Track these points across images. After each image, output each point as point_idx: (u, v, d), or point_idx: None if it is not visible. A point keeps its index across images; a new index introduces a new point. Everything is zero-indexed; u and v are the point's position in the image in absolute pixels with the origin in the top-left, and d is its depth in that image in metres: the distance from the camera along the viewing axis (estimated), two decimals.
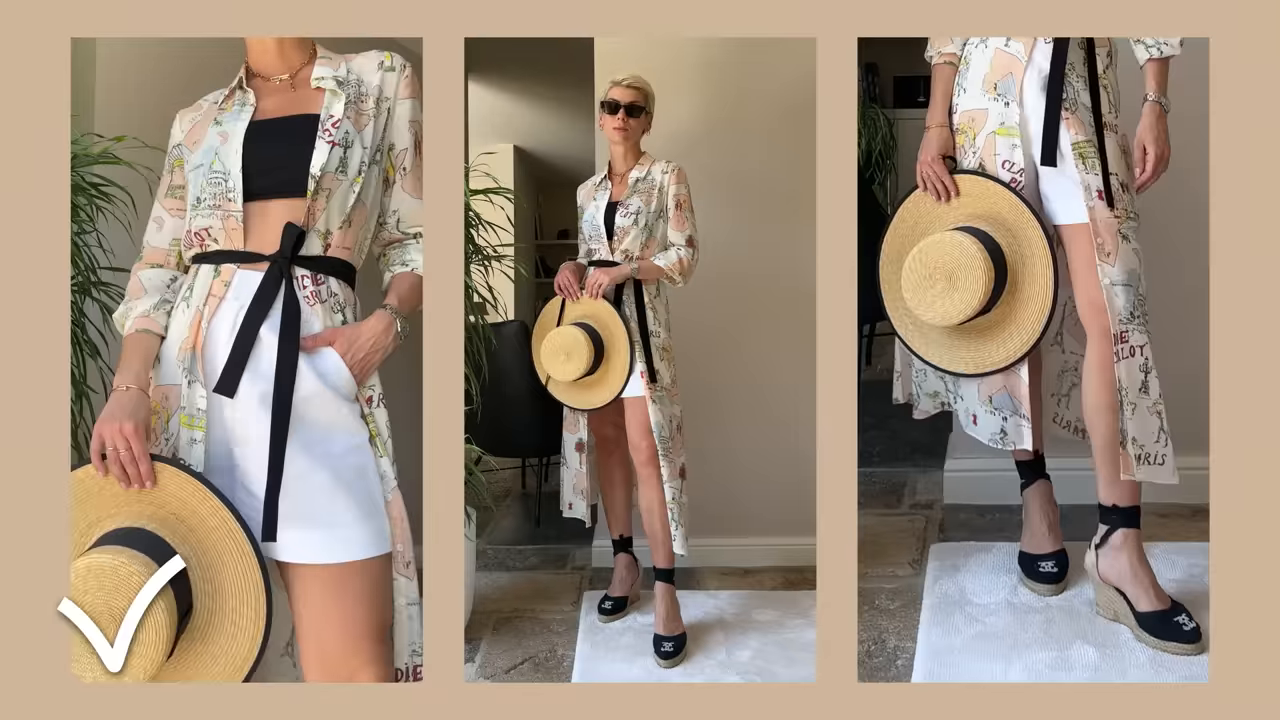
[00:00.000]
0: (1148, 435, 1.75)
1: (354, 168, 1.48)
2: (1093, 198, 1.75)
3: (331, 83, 1.50)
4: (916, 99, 4.90)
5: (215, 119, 1.51)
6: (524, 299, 6.85)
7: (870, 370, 2.87)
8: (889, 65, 5.11)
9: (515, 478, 4.84)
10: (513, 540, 3.71)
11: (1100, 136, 1.78)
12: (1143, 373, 1.75)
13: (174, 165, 1.56)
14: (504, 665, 2.47)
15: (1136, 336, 1.75)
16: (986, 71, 1.85)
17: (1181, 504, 2.12)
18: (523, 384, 3.86)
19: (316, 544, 1.41)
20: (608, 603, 2.75)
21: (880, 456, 2.50)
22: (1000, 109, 1.83)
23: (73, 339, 1.88)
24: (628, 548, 2.82)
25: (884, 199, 4.62)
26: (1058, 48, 1.78)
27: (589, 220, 2.62)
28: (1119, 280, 1.75)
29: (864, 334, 2.83)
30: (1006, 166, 1.82)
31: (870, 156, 4.57)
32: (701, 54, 3.16)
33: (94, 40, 2.28)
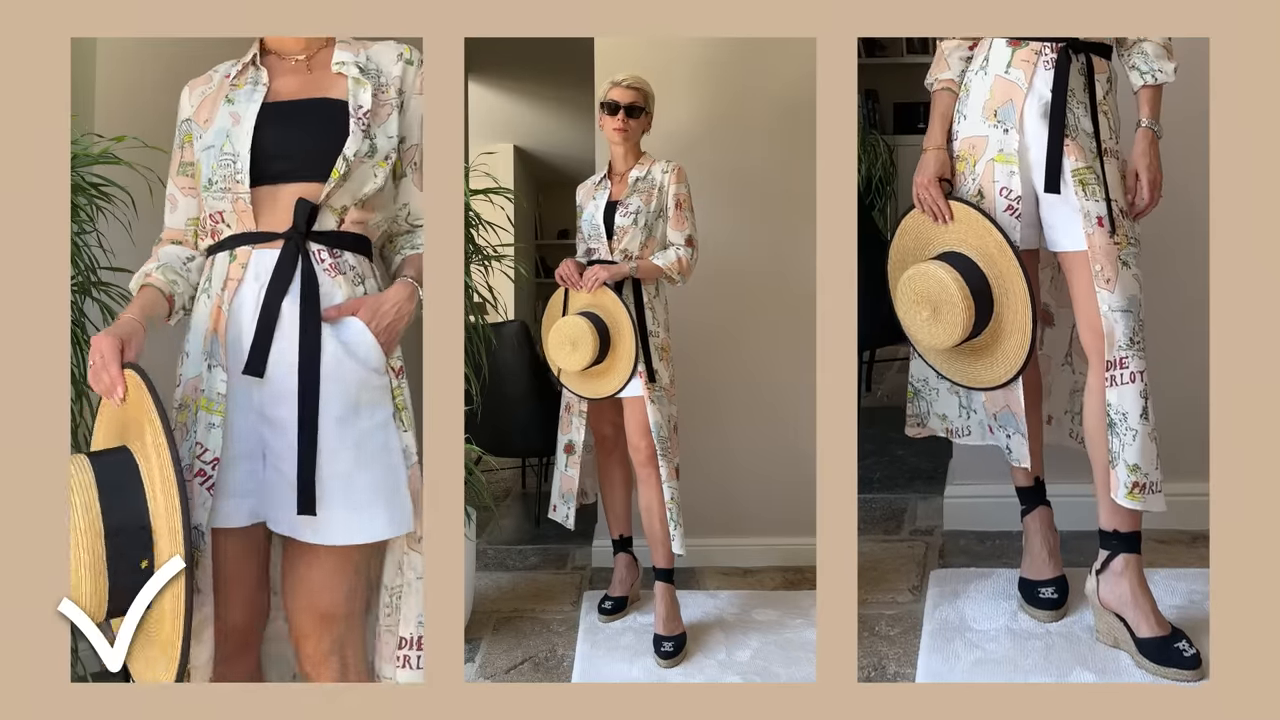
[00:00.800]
0: (1149, 462, 1.74)
1: (380, 155, 1.49)
2: (1092, 224, 1.75)
3: (354, 69, 1.50)
4: (916, 125, 4.90)
5: (227, 96, 1.48)
6: (524, 299, 6.85)
7: (870, 397, 2.87)
8: (888, 92, 5.12)
9: (515, 478, 4.84)
10: (513, 540, 3.71)
11: (1101, 163, 1.78)
12: (1142, 399, 1.74)
13: (184, 141, 1.54)
14: (504, 665, 2.47)
15: (1135, 363, 1.74)
16: (986, 98, 1.85)
17: (1181, 530, 2.12)
18: (523, 384, 3.86)
19: (334, 525, 1.41)
20: (608, 603, 2.75)
21: (880, 482, 2.51)
22: (1000, 136, 1.82)
23: (73, 339, 1.88)
24: (628, 547, 2.82)
25: (883, 225, 4.60)
26: (1059, 74, 1.77)
27: (588, 219, 2.62)
28: (1118, 307, 1.74)
29: (864, 360, 2.83)
30: (1005, 194, 1.81)
31: (870, 183, 4.57)
32: (701, 53, 3.15)
33: (94, 40, 2.28)
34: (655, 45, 3.11)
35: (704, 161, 3.00)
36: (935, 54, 1.96)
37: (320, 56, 1.53)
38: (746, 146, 3.19)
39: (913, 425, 2.08)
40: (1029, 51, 1.80)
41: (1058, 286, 2.07)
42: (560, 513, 2.74)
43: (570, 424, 2.69)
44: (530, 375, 3.88)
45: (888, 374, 3.06)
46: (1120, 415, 1.74)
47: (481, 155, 3.21)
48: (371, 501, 1.42)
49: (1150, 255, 1.85)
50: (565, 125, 6.31)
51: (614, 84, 2.57)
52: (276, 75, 1.50)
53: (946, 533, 2.39)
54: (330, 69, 1.51)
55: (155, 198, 1.98)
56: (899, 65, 5.10)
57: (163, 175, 1.64)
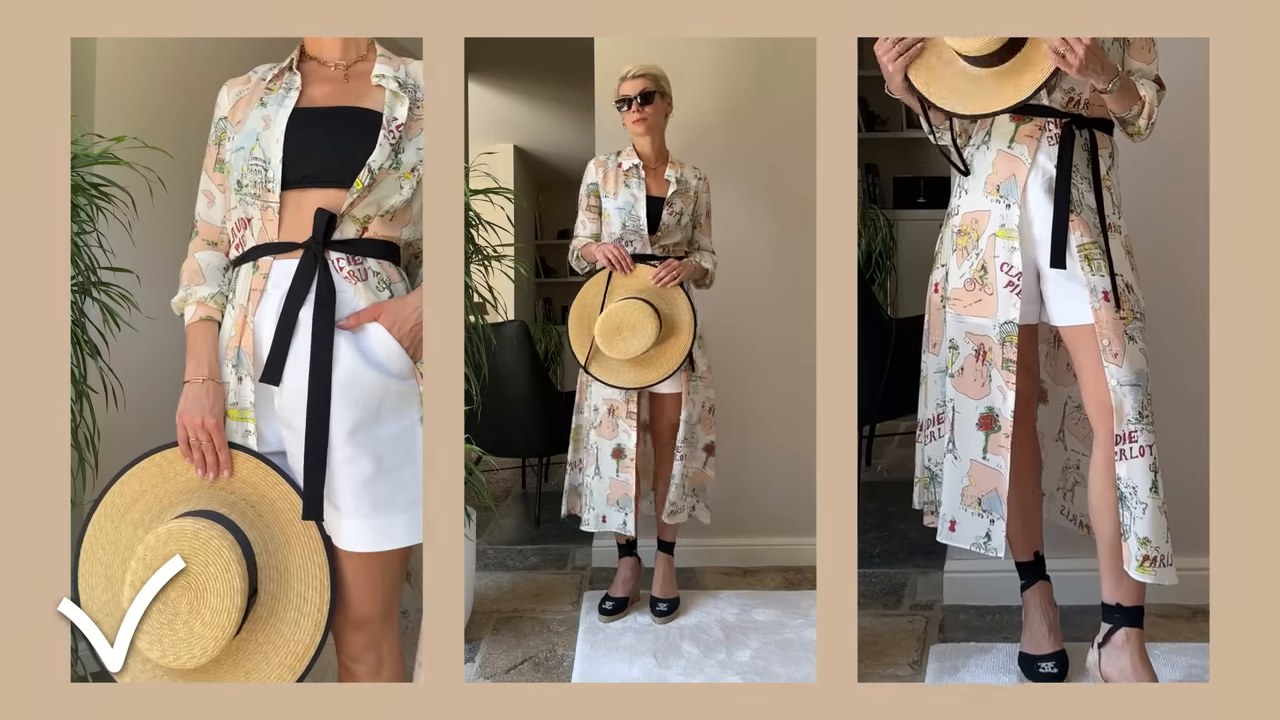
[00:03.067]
0: (1160, 536, 1.73)
1: (405, 167, 1.49)
2: (1099, 299, 1.74)
3: (393, 83, 1.51)
4: (916, 200, 4.93)
5: (261, 99, 1.49)
6: (524, 299, 6.85)
7: (870, 471, 2.87)
8: (888, 166, 5.13)
9: (515, 478, 4.84)
10: (513, 540, 3.71)
11: (1105, 238, 1.77)
12: (1152, 472, 1.73)
13: (220, 138, 1.54)
14: (504, 665, 2.47)
15: (1144, 436, 1.73)
16: (989, 173, 1.83)
17: (1182, 604, 2.11)
18: (523, 384, 3.86)
19: (356, 532, 1.43)
20: (609, 603, 2.76)
21: (880, 557, 2.51)
22: (1002, 211, 1.80)
23: (73, 339, 1.88)
24: (633, 550, 2.83)
25: (884, 300, 4.62)
26: (1063, 149, 1.76)
27: (625, 209, 2.61)
28: (1127, 381, 1.73)
29: (864, 434, 2.84)
30: (1005, 269, 1.79)
31: (870, 257, 4.57)
32: (702, 52, 3.15)
33: (94, 40, 2.28)
34: (655, 45, 3.11)
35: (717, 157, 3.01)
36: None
37: (359, 67, 1.54)
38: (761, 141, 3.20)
39: (928, 513, 2.00)
40: (1032, 127, 1.78)
41: (1053, 362, 2.06)
42: (615, 520, 2.67)
43: (617, 427, 2.65)
44: (530, 375, 3.88)
45: (888, 448, 3.08)
46: (1130, 489, 1.73)
47: (481, 155, 3.21)
48: (391, 509, 1.43)
49: (1152, 331, 1.85)
50: (565, 125, 6.31)
51: (622, 79, 2.62)
52: (312, 81, 1.51)
53: (946, 607, 2.39)
54: (369, 80, 1.52)
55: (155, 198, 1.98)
56: (899, 140, 5.12)
57: (163, 175, 1.64)
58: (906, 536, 2.60)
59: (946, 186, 2.00)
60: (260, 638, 1.40)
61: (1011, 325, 1.78)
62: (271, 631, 1.40)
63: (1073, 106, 1.78)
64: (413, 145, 1.50)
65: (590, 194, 2.68)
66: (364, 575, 1.46)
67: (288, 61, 1.52)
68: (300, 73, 1.51)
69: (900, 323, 2.55)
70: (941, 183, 1.98)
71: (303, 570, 1.41)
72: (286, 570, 1.40)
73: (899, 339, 2.48)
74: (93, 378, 1.97)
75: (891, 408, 2.70)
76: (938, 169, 5.07)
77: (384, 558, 1.46)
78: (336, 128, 1.47)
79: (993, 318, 1.80)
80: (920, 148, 5.12)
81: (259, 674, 1.39)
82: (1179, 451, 1.99)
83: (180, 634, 1.31)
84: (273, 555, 1.40)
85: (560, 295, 7.83)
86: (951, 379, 1.86)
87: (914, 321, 1.96)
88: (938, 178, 4.96)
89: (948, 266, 1.89)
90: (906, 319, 2.30)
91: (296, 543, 1.41)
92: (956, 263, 1.86)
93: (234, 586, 1.32)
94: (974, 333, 1.83)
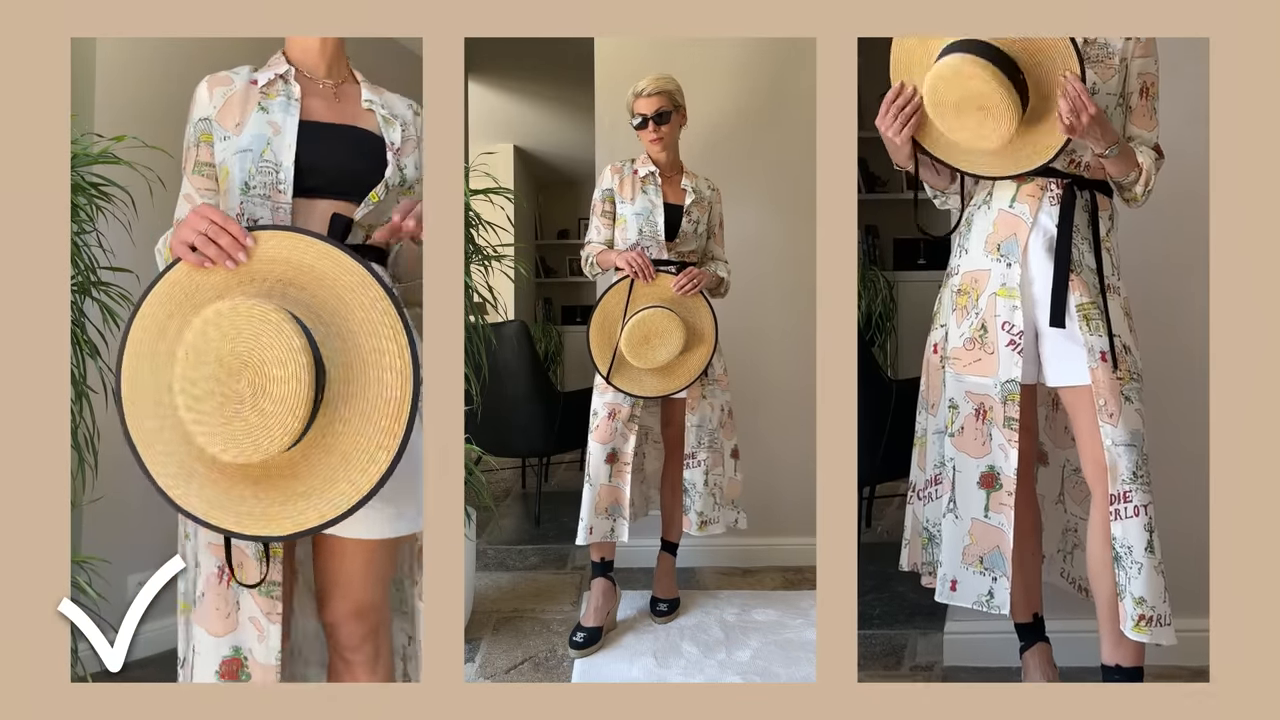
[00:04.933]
0: (1156, 595, 1.73)
1: (407, 185, 1.56)
2: (1096, 359, 1.74)
3: (384, 110, 1.57)
4: (916, 261, 4.93)
5: (260, 104, 1.48)
6: (524, 299, 6.86)
7: (870, 532, 2.87)
8: (888, 228, 5.13)
9: (515, 478, 4.84)
10: (513, 540, 3.71)
11: (1104, 298, 1.77)
12: (1147, 532, 1.72)
13: (201, 139, 1.50)
14: (504, 665, 2.47)
15: (1140, 496, 1.73)
16: (989, 232, 1.83)
17: (1182, 666, 2.10)
18: (523, 384, 3.86)
19: (369, 520, 1.43)
20: (579, 634, 2.57)
21: (881, 618, 2.51)
22: (1002, 270, 1.80)
23: (73, 339, 1.88)
24: (607, 572, 2.69)
25: (884, 361, 4.61)
26: (1064, 209, 1.76)
27: (643, 215, 2.60)
28: (1122, 441, 1.73)
29: (864, 496, 2.84)
30: (1007, 328, 1.78)
31: (870, 318, 4.56)
32: (709, 55, 3.16)
33: (94, 40, 2.28)
34: (665, 44, 3.12)
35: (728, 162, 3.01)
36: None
37: (346, 88, 1.57)
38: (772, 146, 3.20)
39: (926, 573, 1.98)
40: (1034, 187, 1.78)
41: (1052, 424, 2.05)
42: (602, 529, 2.58)
43: (615, 432, 2.61)
44: (530, 375, 3.88)
45: (888, 510, 3.08)
46: (1125, 549, 1.73)
47: (481, 155, 3.21)
48: (400, 495, 1.44)
49: (1150, 392, 1.85)
50: (565, 125, 6.32)
51: (637, 95, 2.58)
52: (307, 94, 1.53)
53: (946, 668, 2.36)
54: (358, 102, 1.56)
55: (155, 198, 1.98)
56: (898, 201, 5.11)
57: (163, 175, 1.64)
58: (906, 598, 2.61)
59: (947, 248, 1.98)
60: (345, 413, 1.23)
61: (1014, 384, 1.77)
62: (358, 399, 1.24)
63: (1074, 168, 1.78)
64: (411, 163, 1.56)
65: (605, 199, 2.66)
66: (370, 563, 1.48)
67: (284, 70, 1.52)
68: (297, 84, 1.53)
69: (900, 384, 2.54)
70: (942, 244, 1.97)
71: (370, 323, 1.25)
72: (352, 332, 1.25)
73: (899, 400, 2.47)
74: (93, 378, 1.97)
75: (892, 469, 2.70)
76: (937, 230, 5.05)
77: (389, 545, 1.49)
78: (345, 144, 1.51)
79: (993, 377, 1.79)
80: (921, 209, 5.09)
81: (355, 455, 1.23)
82: (1178, 512, 1.99)
83: (251, 420, 1.16)
84: (331, 324, 1.25)
85: (560, 295, 7.84)
86: (951, 438, 1.85)
87: (914, 383, 1.95)
88: (938, 239, 4.88)
89: (947, 326, 1.88)
90: (907, 380, 2.30)
91: (352, 298, 1.26)
92: (956, 322, 1.86)
93: (294, 346, 1.17)
94: (974, 392, 1.81)
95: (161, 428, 1.23)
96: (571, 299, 7.75)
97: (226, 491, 1.22)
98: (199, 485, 1.22)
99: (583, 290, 7.57)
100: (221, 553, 1.37)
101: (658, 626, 2.69)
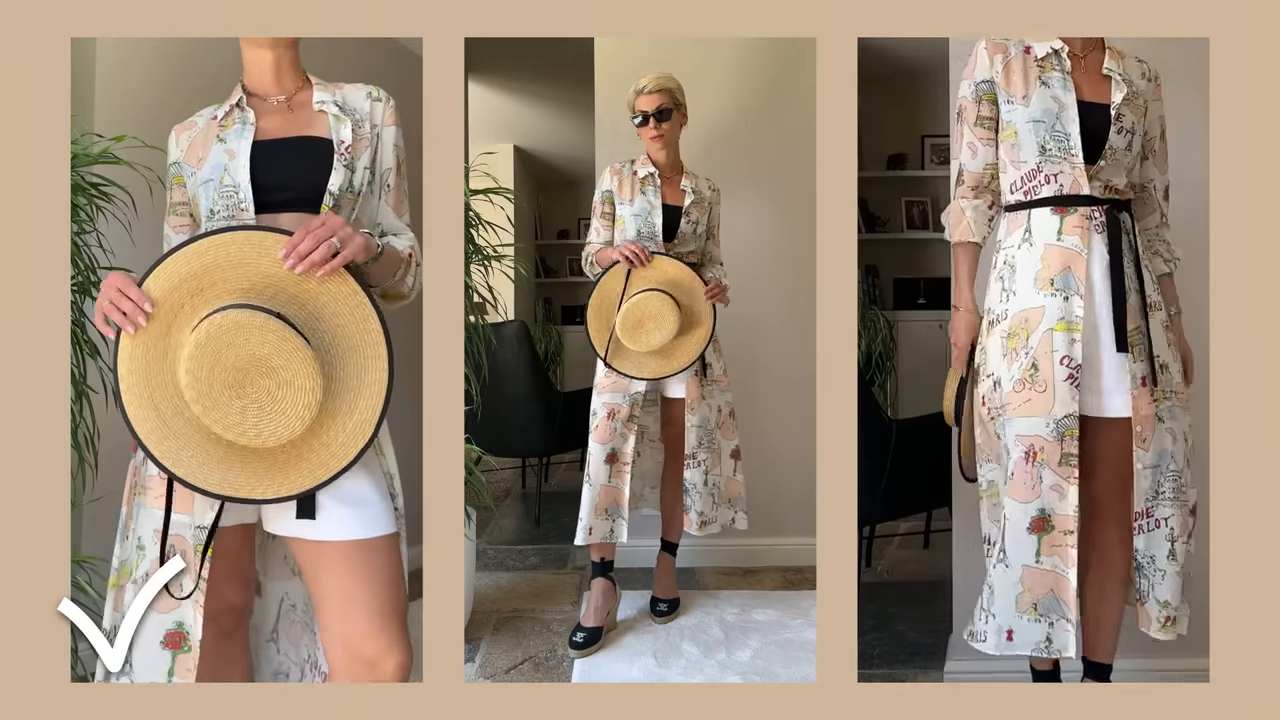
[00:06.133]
0: (1177, 597, 1.78)
1: (358, 186, 1.54)
2: (1137, 385, 1.74)
3: (334, 108, 1.55)
4: (916, 300, 4.92)
5: (218, 136, 1.53)
6: (524, 299, 6.86)
7: (870, 572, 2.86)
8: (888, 267, 5.14)
9: (515, 478, 4.84)
10: (513, 540, 3.72)
11: (1146, 320, 1.78)
12: (1168, 542, 1.77)
13: (174, 182, 1.58)
14: (504, 665, 2.47)
15: (1161, 509, 1.77)
16: (1039, 269, 1.78)
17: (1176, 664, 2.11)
18: (523, 384, 3.86)
19: (346, 520, 1.43)
20: (579, 634, 2.57)
21: (880, 658, 2.50)
22: (1059, 304, 1.76)
23: (73, 339, 1.88)
24: (608, 572, 2.70)
25: (884, 401, 4.60)
26: (1111, 234, 1.76)
27: (641, 216, 2.60)
28: (1149, 464, 1.76)
29: (864, 536, 2.83)
30: (1066, 362, 1.75)
31: (870, 358, 4.55)
32: (710, 55, 3.16)
33: (94, 40, 2.28)
34: (665, 44, 3.12)
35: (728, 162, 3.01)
36: (950, 211, 1.90)
37: (299, 96, 1.57)
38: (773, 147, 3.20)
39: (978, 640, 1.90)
40: (1078, 217, 1.76)
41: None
42: (602, 530, 2.60)
43: (615, 431, 2.61)
44: (530, 375, 3.88)
45: (888, 549, 3.08)
46: (1148, 559, 1.77)
47: (481, 155, 3.21)
48: (371, 499, 1.45)
49: None
50: (565, 125, 6.32)
51: (638, 93, 2.58)
52: (261, 115, 1.55)
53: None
54: (311, 107, 1.56)
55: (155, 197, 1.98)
56: (899, 241, 5.13)
57: (163, 175, 1.65)
58: (906, 637, 2.60)
59: (946, 287, 1.95)
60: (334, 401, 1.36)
61: (1072, 419, 1.74)
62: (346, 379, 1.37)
63: (1109, 193, 1.78)
64: (360, 164, 1.54)
65: (605, 201, 2.66)
66: (353, 580, 1.44)
67: (236, 99, 1.55)
68: (251, 109, 1.55)
69: (900, 424, 2.53)
70: (941, 284, 1.95)
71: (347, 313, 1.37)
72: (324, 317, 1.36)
73: (899, 440, 2.46)
74: (93, 378, 1.97)
75: (892, 509, 2.69)
76: (938, 270, 5.04)
77: (369, 557, 1.45)
78: (296, 157, 1.51)
79: (1045, 415, 1.75)
80: (921, 248, 5.16)
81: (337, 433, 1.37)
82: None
83: (269, 411, 1.29)
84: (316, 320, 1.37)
85: (560, 295, 7.84)
86: (1003, 486, 1.83)
87: (914, 422, 1.92)
88: (938, 279, 4.92)
89: (995, 375, 1.83)
90: (906, 420, 2.28)
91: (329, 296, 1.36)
92: (1007, 367, 1.81)
93: (286, 336, 1.28)
94: (1023, 434, 1.77)
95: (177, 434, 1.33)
96: (571, 299, 7.75)
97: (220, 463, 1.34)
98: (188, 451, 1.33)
99: (583, 290, 7.57)
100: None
101: (658, 626, 2.69)
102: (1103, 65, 1.79)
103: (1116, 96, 1.76)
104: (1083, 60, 1.80)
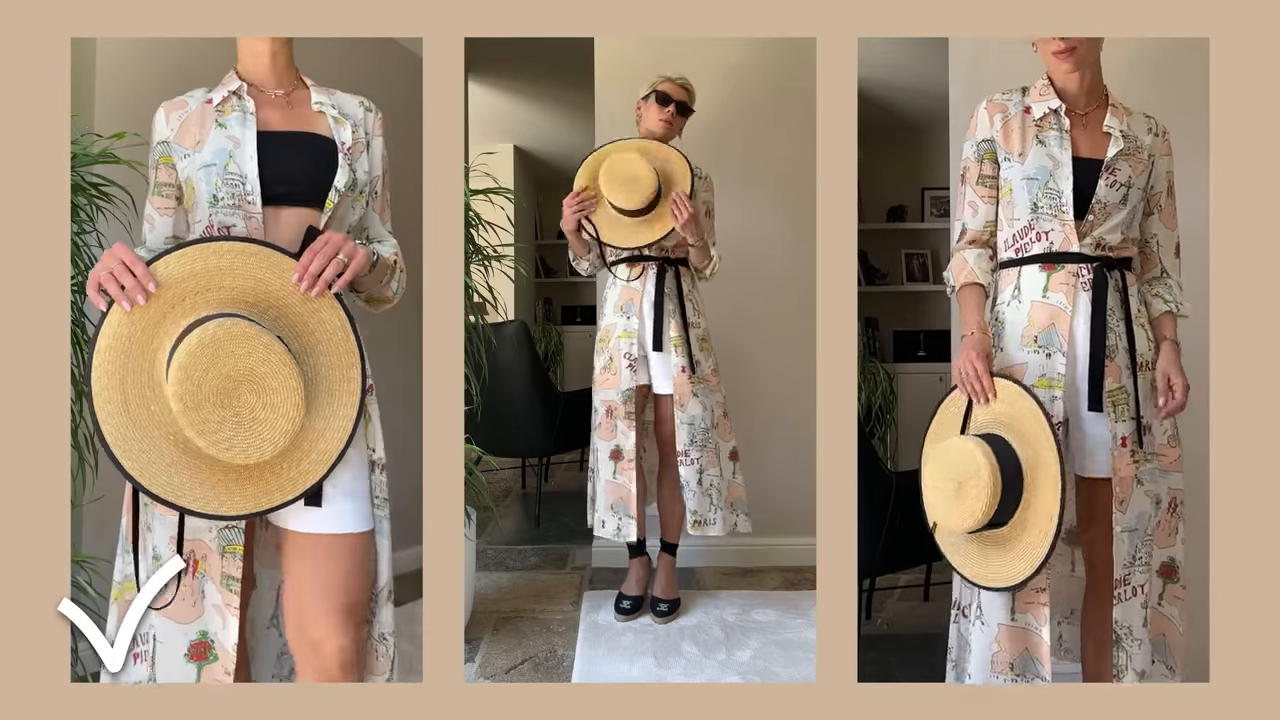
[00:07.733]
0: (1147, 661, 1.78)
1: (359, 187, 1.57)
2: (1118, 446, 1.74)
3: (334, 111, 1.58)
4: (916, 354, 4.91)
5: (217, 121, 1.52)
6: (524, 299, 6.85)
7: (870, 625, 2.87)
8: (888, 320, 5.14)
9: (515, 478, 4.84)
10: (513, 540, 3.71)
11: (1134, 379, 1.76)
12: (1144, 609, 1.75)
13: (160, 161, 1.56)
14: (504, 665, 2.47)
15: (1138, 576, 1.75)
16: (1024, 326, 1.79)
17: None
18: (523, 384, 3.86)
19: (316, 515, 1.45)
20: (626, 602, 2.76)
21: None
22: (1041, 361, 1.77)
23: (73, 339, 1.88)
24: (643, 549, 2.82)
25: (884, 453, 4.60)
26: (1097, 293, 1.75)
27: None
28: (1128, 526, 1.74)
29: (864, 589, 2.84)
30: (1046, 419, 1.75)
31: (870, 410, 4.54)
32: (703, 52, 3.16)
33: (94, 40, 2.28)
34: (666, 44, 3.12)
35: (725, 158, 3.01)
36: (952, 262, 1.89)
37: (297, 94, 1.59)
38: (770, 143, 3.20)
39: None
40: (1065, 274, 1.76)
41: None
42: (610, 527, 2.68)
43: (615, 429, 2.65)
44: (530, 375, 3.88)
45: (888, 602, 3.09)
46: (1125, 630, 1.75)
47: (481, 155, 3.21)
48: (339, 497, 1.47)
49: None
50: (565, 125, 6.31)
51: (666, 78, 2.66)
52: (260, 106, 1.55)
53: None
54: (310, 107, 1.57)
55: None
56: (899, 294, 5.14)
57: None
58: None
59: (947, 340, 1.96)
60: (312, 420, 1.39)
61: None
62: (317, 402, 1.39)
63: (1101, 250, 1.77)
64: (360, 167, 1.57)
65: None
66: (313, 566, 1.47)
67: (236, 86, 1.55)
68: (250, 98, 1.55)
69: (901, 476, 2.54)
70: (941, 336, 1.94)
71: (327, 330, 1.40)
72: (307, 333, 1.39)
73: (899, 493, 2.46)
74: None
75: (893, 561, 2.69)
76: (938, 323, 5.05)
77: (330, 551, 1.48)
78: (302, 151, 1.53)
79: None
80: (921, 301, 5.18)
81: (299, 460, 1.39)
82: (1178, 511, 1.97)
83: (247, 428, 1.30)
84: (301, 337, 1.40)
85: (560, 295, 7.83)
86: None
87: (915, 475, 1.90)
88: (938, 331, 4.93)
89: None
90: (907, 472, 2.28)
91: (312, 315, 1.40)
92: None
93: (286, 360, 1.31)
94: None
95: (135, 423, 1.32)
96: (571, 299, 7.75)
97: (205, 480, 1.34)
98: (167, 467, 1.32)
99: (583, 290, 7.57)
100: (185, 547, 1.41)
101: (658, 626, 2.69)
102: (1104, 123, 1.78)
103: (1112, 150, 1.75)
104: (1084, 118, 1.79)
